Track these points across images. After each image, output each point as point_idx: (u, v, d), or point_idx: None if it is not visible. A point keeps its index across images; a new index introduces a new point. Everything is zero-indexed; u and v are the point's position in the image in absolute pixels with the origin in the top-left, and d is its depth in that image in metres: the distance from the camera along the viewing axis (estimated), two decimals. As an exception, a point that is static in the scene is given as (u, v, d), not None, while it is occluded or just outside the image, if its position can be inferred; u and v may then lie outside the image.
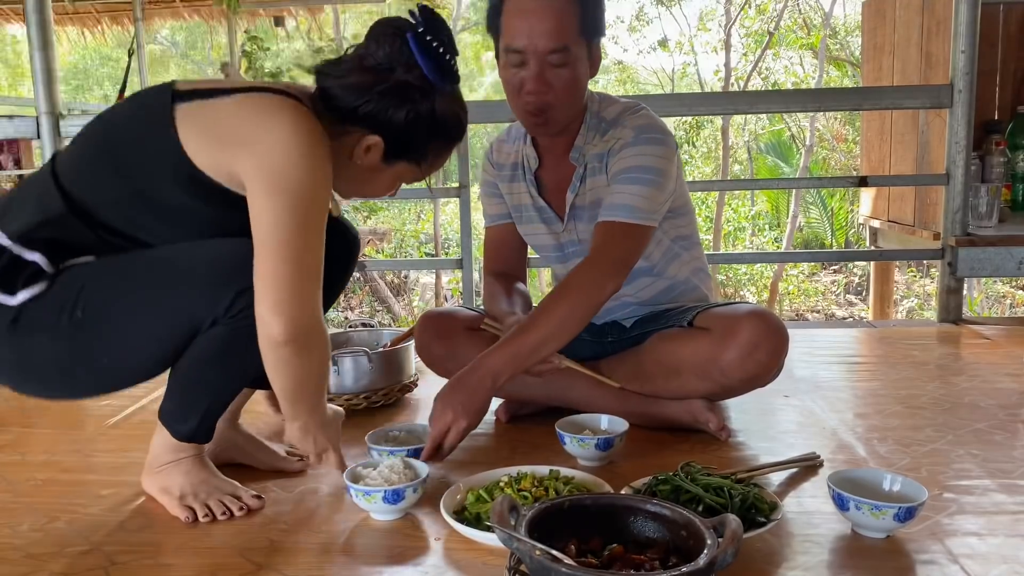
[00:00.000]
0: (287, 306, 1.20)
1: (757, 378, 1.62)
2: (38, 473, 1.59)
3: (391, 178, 1.41)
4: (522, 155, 1.78)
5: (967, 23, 2.65)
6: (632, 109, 1.68)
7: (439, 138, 1.37)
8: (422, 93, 1.30)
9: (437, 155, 1.40)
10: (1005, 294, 7.76)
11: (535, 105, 1.57)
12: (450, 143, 1.40)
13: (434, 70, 1.30)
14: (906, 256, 3.79)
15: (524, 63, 1.55)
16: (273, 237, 1.19)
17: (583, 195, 1.71)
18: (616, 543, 1.03)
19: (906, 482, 1.28)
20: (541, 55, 1.53)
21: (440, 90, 1.32)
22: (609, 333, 1.84)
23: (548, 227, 1.78)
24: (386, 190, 1.43)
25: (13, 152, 5.22)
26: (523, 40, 1.53)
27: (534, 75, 1.54)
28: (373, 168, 1.36)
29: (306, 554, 1.23)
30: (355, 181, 1.40)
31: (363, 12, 13.19)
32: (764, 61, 11.43)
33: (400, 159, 1.37)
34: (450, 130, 1.37)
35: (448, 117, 1.35)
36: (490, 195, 1.86)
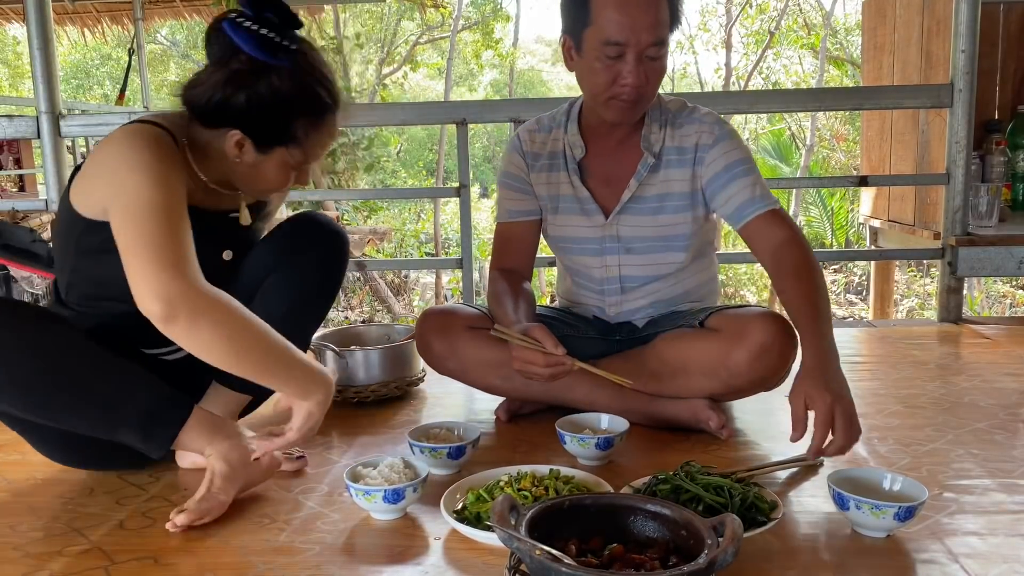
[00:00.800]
0: (153, 287, 1.22)
1: (765, 380, 1.62)
2: (38, 473, 1.59)
3: (276, 168, 1.40)
4: (564, 143, 1.77)
5: (967, 22, 2.65)
6: (692, 106, 1.75)
7: (299, 115, 1.35)
8: (254, 74, 1.31)
9: (309, 133, 1.37)
10: (1005, 294, 7.75)
11: (632, 96, 1.58)
12: (317, 117, 1.37)
13: (257, 48, 1.29)
14: (906, 256, 3.79)
15: (622, 55, 1.55)
16: (130, 247, 1.26)
17: (651, 185, 1.71)
18: (616, 543, 1.03)
19: (906, 481, 1.28)
20: (642, 48, 1.54)
21: (275, 67, 1.31)
22: (618, 332, 1.84)
23: (588, 218, 1.77)
24: (280, 181, 1.42)
25: (13, 152, 5.23)
26: (624, 33, 1.53)
27: (633, 68, 1.55)
28: (254, 162, 1.39)
29: (306, 554, 1.23)
30: (247, 179, 1.43)
31: (363, 12, 13.19)
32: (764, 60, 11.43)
33: (272, 146, 1.37)
34: (307, 103, 1.35)
35: (295, 91, 1.33)
36: (513, 188, 1.82)
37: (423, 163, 16.07)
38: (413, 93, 16.06)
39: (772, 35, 10.73)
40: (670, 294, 1.80)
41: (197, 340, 1.25)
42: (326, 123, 1.39)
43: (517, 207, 1.82)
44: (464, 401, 1.98)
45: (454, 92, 15.47)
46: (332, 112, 1.39)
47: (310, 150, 1.39)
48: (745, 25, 11.59)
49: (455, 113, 2.88)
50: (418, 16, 12.42)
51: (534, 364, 1.49)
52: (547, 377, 1.51)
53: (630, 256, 1.76)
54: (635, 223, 1.73)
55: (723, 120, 1.72)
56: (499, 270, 1.79)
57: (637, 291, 1.79)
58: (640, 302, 1.80)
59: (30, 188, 5.36)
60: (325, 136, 1.41)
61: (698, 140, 1.68)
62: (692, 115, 1.72)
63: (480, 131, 16.36)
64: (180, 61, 15.32)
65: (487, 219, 11.49)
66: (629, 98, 1.59)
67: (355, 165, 9.43)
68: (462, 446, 1.50)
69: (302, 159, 1.40)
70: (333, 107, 1.39)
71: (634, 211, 1.73)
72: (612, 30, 1.53)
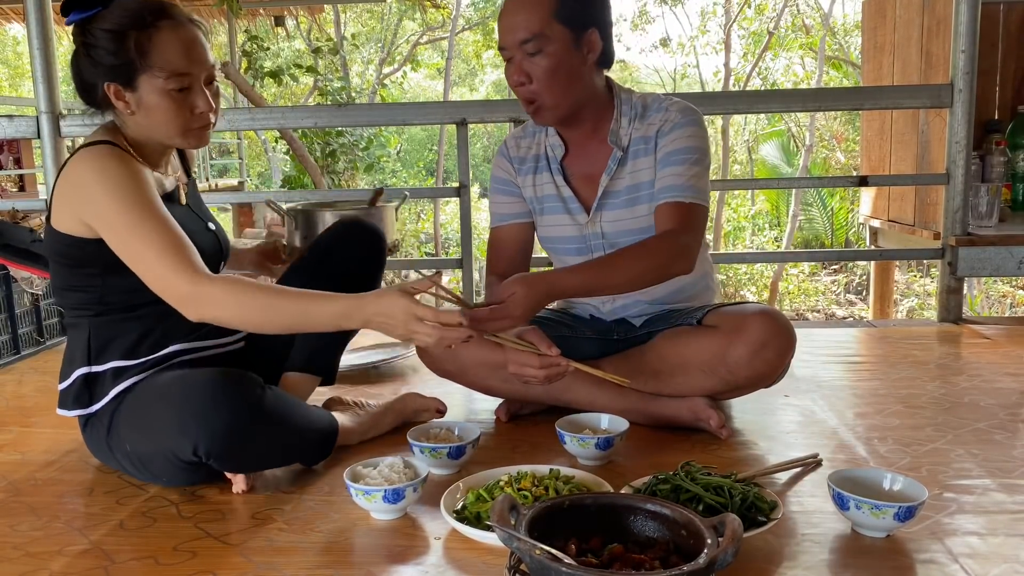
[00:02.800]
0: (169, 294, 1.38)
1: (764, 377, 1.62)
2: (38, 473, 1.59)
3: (159, 99, 1.42)
4: (545, 146, 1.79)
5: (967, 22, 2.65)
6: (665, 97, 1.75)
7: (130, 32, 1.39)
8: (85, 31, 1.41)
9: (152, 43, 1.40)
10: (1005, 294, 7.76)
11: (523, 95, 1.64)
12: (146, 25, 1.40)
13: (74, 13, 1.40)
14: (906, 256, 3.79)
15: (510, 59, 1.62)
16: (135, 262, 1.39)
17: (621, 179, 1.72)
18: (616, 542, 1.03)
19: (906, 481, 1.28)
20: (516, 47, 1.59)
21: (96, 16, 1.40)
22: (616, 331, 1.84)
23: (572, 217, 1.77)
24: (176, 110, 1.43)
25: (13, 152, 5.23)
26: (502, 36, 1.62)
27: (514, 67, 1.62)
28: (140, 106, 1.43)
29: (306, 554, 1.23)
30: (156, 128, 1.46)
31: (363, 11, 13.20)
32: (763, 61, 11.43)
33: (133, 77, 1.41)
34: (130, 19, 1.39)
35: (116, 17, 1.39)
36: (503, 193, 1.84)
37: (423, 163, 16.07)
38: (413, 93, 16.07)
39: (771, 36, 10.73)
40: (662, 291, 1.79)
41: (224, 322, 1.38)
42: (162, 29, 1.40)
43: (509, 211, 1.83)
44: (464, 401, 1.98)
45: (455, 92, 15.47)
46: (163, 19, 1.41)
47: (166, 61, 1.40)
48: (743, 26, 11.60)
49: (455, 113, 2.88)
50: (418, 16, 12.42)
51: (529, 367, 1.49)
52: (543, 379, 1.51)
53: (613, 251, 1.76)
54: (614, 218, 1.74)
55: (691, 110, 1.70)
56: (495, 274, 1.79)
57: None
58: (632, 298, 1.80)
59: (30, 188, 5.37)
60: (171, 41, 1.41)
61: (660, 127, 1.69)
62: (660, 104, 1.72)
63: (480, 131, 16.37)
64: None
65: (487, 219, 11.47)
66: (525, 98, 1.64)
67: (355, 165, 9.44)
68: (462, 446, 1.50)
69: (169, 75, 1.40)
70: (160, 15, 1.41)
71: (610, 206, 1.74)
72: (498, 36, 1.64)
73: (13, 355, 2.52)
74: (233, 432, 1.33)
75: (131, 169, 1.40)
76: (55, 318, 2.72)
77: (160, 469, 1.43)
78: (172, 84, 1.41)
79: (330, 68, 9.76)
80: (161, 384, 1.43)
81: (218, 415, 1.32)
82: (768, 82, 11.86)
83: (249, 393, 1.36)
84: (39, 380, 2.30)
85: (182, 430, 1.33)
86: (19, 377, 2.34)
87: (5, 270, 2.50)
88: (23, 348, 2.56)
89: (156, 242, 1.36)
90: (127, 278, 1.41)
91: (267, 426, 1.39)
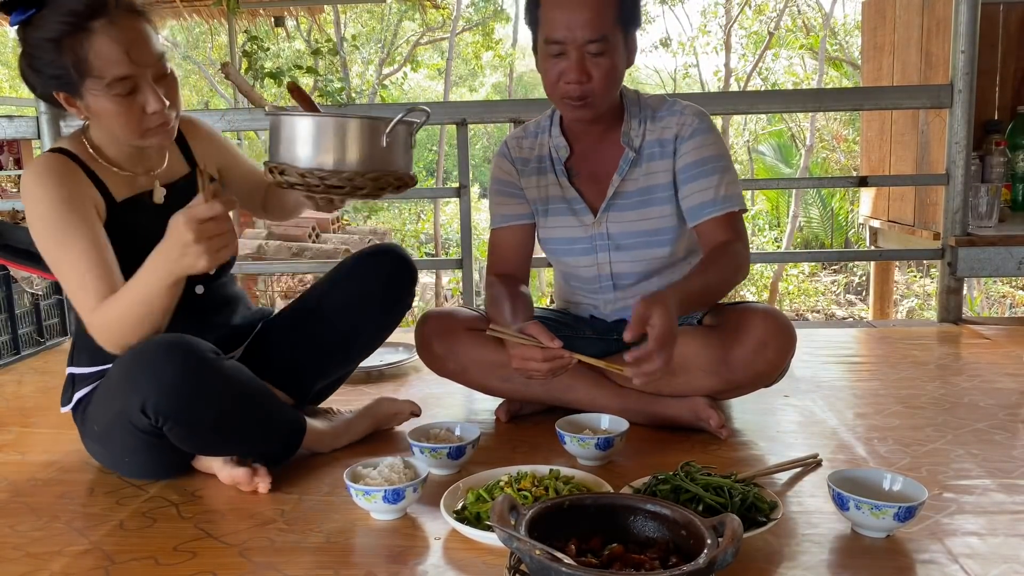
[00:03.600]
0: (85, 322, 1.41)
1: (764, 376, 1.63)
2: (38, 473, 1.59)
3: (108, 103, 1.35)
4: (549, 147, 1.78)
5: (967, 23, 2.65)
6: (672, 99, 1.75)
7: (62, 37, 1.31)
8: (24, 40, 1.35)
9: (85, 47, 1.31)
10: (1005, 294, 7.76)
11: (575, 93, 1.59)
12: (75, 28, 1.31)
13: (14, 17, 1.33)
14: (906, 256, 3.80)
15: (564, 53, 1.57)
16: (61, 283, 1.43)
17: (633, 180, 1.72)
18: (616, 543, 1.03)
19: (906, 482, 1.28)
20: (580, 45, 1.55)
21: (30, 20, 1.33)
22: (616, 331, 1.83)
23: (577, 218, 1.77)
24: (128, 113, 1.36)
25: (13, 152, 5.23)
26: (562, 31, 1.55)
27: (574, 65, 1.56)
28: (92, 111, 1.38)
29: (306, 554, 1.23)
30: (114, 130, 1.41)
31: (363, 11, 13.20)
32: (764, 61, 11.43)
33: (77, 84, 1.35)
34: (59, 24, 1.31)
35: (47, 23, 1.32)
36: (504, 194, 1.83)
37: (423, 163, 16.07)
38: (413, 93, 16.07)
39: (771, 36, 10.73)
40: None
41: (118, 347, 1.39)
42: (96, 31, 1.31)
43: (510, 211, 1.82)
44: (464, 401, 1.98)
45: (455, 93, 15.48)
46: (97, 19, 1.31)
47: (104, 66, 1.32)
48: (744, 26, 11.60)
49: (455, 113, 2.89)
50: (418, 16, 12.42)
51: (532, 360, 1.49)
52: (546, 372, 1.50)
53: (620, 253, 1.76)
54: (622, 219, 1.74)
55: (704, 114, 1.71)
56: (495, 275, 1.79)
57: (630, 289, 1.79)
58: (634, 300, 1.80)
59: (30, 188, 5.36)
60: (107, 43, 1.31)
61: (678, 132, 1.69)
62: (672, 108, 1.72)
63: (480, 131, 16.36)
64: (180, 62, 15.32)
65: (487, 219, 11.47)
66: (578, 95, 1.59)
67: (355, 165, 9.41)
68: (462, 446, 1.50)
69: (110, 80, 1.32)
70: (93, 14, 1.31)
71: (619, 207, 1.73)
72: (552, 29, 1.56)
73: (13, 355, 2.52)
74: (182, 385, 1.31)
75: (59, 190, 1.38)
76: (55, 318, 2.72)
77: (120, 447, 1.43)
78: (116, 89, 1.34)
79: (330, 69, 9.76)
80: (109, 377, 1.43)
81: (169, 364, 1.30)
82: (768, 82, 11.86)
83: (201, 349, 1.34)
84: (39, 380, 2.30)
85: (132, 385, 1.32)
86: (19, 377, 2.34)
87: (5, 270, 2.50)
88: (23, 348, 2.56)
89: (68, 272, 1.38)
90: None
91: (222, 390, 1.36)
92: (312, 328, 1.64)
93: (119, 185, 1.48)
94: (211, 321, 1.58)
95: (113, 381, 1.40)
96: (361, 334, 1.70)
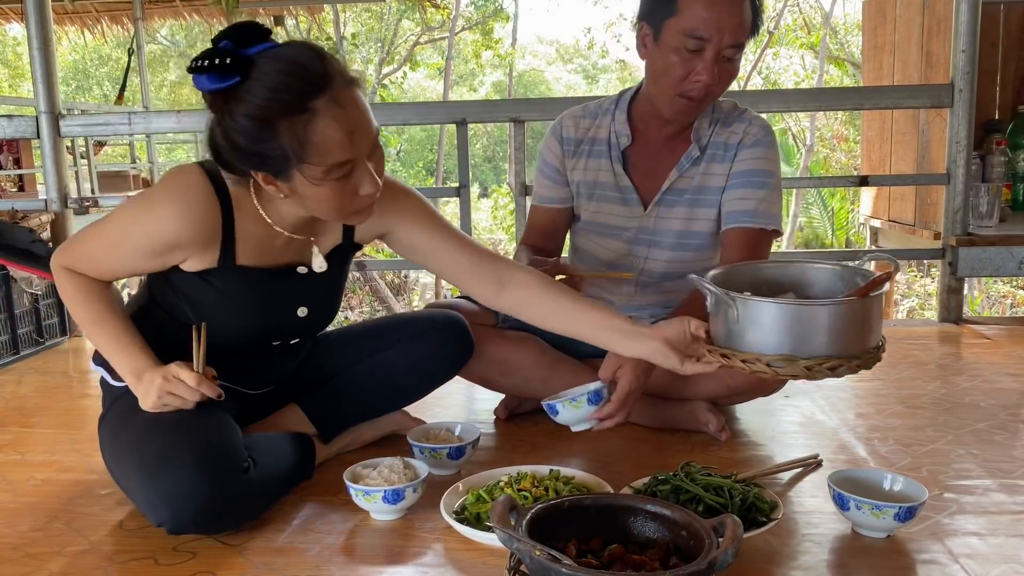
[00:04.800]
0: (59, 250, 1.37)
1: (765, 384, 1.62)
2: (38, 473, 1.59)
3: (317, 186, 1.19)
4: (610, 131, 1.76)
5: (968, 22, 2.65)
6: (744, 107, 1.75)
7: (279, 120, 1.13)
8: (221, 110, 1.17)
9: (307, 131, 1.14)
10: (1006, 294, 7.75)
11: (701, 93, 1.58)
12: (299, 110, 1.13)
13: (206, 82, 1.14)
14: (906, 256, 3.79)
15: (701, 50, 1.54)
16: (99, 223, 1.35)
17: (691, 177, 1.71)
18: (616, 543, 1.02)
19: (906, 482, 1.28)
20: (722, 47, 1.54)
21: (231, 90, 1.14)
22: None
23: (627, 208, 1.75)
24: (335, 196, 1.21)
25: (13, 152, 5.22)
26: (710, 30, 1.52)
27: (709, 65, 1.54)
28: (296, 192, 1.21)
29: (306, 554, 1.23)
30: (312, 209, 1.26)
31: (362, 11, 13.19)
32: (764, 60, 11.42)
33: (287, 169, 1.18)
34: (278, 104, 1.13)
35: (260, 98, 1.13)
36: (545, 176, 1.83)
37: (423, 163, 16.07)
38: (413, 93, 16.07)
39: (771, 35, 10.72)
40: (678, 298, 1.79)
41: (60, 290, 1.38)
42: (319, 114, 1.13)
43: (548, 194, 1.83)
44: (464, 401, 1.98)
45: (455, 92, 15.47)
46: (319, 97, 1.13)
47: (326, 152, 1.15)
48: (745, 25, 11.59)
49: (455, 113, 2.88)
50: (418, 16, 12.42)
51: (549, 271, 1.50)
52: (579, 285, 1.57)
53: (656, 250, 1.76)
54: (670, 215, 1.73)
55: (770, 128, 1.72)
56: (525, 246, 1.80)
57: (652, 288, 1.79)
58: (647, 299, 1.79)
59: (30, 188, 5.36)
60: (331, 126, 1.14)
61: (742, 139, 1.69)
62: (743, 115, 1.72)
63: (480, 131, 16.36)
64: (180, 61, 15.32)
65: (487, 219, 11.49)
66: (698, 96, 1.57)
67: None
68: (462, 446, 1.50)
69: (330, 167, 1.17)
70: (315, 91, 1.13)
71: (670, 203, 1.73)
72: (697, 23, 1.53)
73: (13, 355, 2.52)
74: (205, 520, 1.25)
75: (172, 221, 1.26)
76: (55, 318, 2.72)
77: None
78: (334, 175, 1.17)
79: (330, 68, 9.75)
80: (139, 431, 1.31)
81: (188, 505, 1.21)
82: (769, 81, 11.86)
83: (226, 481, 1.25)
84: (39, 380, 2.30)
85: (151, 507, 1.24)
86: (19, 377, 2.34)
87: (5, 270, 2.50)
88: (23, 348, 2.56)
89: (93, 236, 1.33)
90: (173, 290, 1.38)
91: (247, 499, 1.30)
92: (363, 384, 1.60)
93: (251, 247, 1.34)
94: (280, 360, 1.53)
95: (132, 479, 1.30)
96: (410, 397, 1.68)
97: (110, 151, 8.93)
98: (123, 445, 1.33)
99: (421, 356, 1.60)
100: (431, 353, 1.61)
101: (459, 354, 1.64)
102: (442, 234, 1.45)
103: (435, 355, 1.62)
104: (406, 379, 1.62)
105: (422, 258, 1.48)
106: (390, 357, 1.60)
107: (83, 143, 5.68)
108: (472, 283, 1.46)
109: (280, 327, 1.45)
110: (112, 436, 1.38)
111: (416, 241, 1.45)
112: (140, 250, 1.31)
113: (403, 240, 1.46)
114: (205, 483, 1.21)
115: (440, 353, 1.62)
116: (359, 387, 1.60)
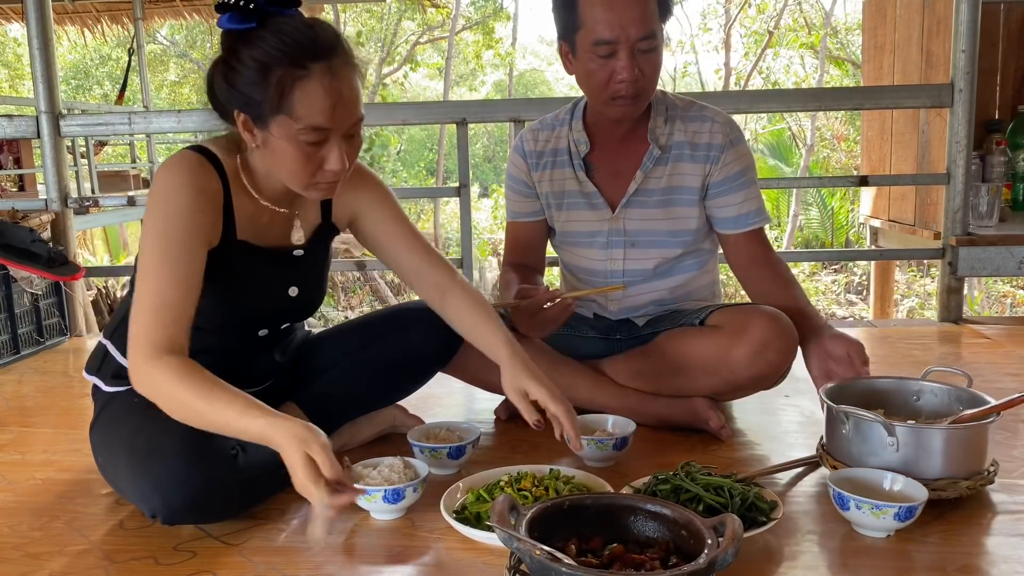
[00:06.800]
0: (130, 354, 1.23)
1: (765, 378, 1.62)
2: (38, 473, 1.59)
3: (288, 144, 1.24)
4: (568, 140, 1.78)
5: (968, 22, 2.65)
6: (700, 103, 1.77)
7: (277, 69, 1.20)
8: (231, 48, 1.24)
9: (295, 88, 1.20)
10: (1006, 293, 7.75)
11: (630, 92, 1.59)
12: (296, 67, 1.20)
13: (228, 20, 1.22)
14: (906, 255, 3.79)
15: (614, 52, 1.56)
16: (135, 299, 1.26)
17: (658, 177, 1.72)
18: (616, 543, 1.02)
19: (906, 482, 1.27)
20: (632, 43, 1.55)
21: (246, 32, 1.22)
22: (619, 331, 1.84)
23: (595, 212, 1.77)
24: (303, 160, 1.25)
25: (13, 152, 5.23)
26: (614, 30, 1.53)
27: (626, 63, 1.56)
28: (267, 145, 1.27)
29: (306, 554, 1.23)
30: (278, 169, 1.30)
31: (362, 11, 13.19)
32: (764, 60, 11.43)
33: (267, 115, 1.23)
34: (281, 55, 1.20)
35: (268, 46, 1.21)
36: (515, 191, 1.84)
37: (423, 163, 16.07)
38: (413, 93, 16.07)
39: (771, 35, 10.73)
40: (672, 295, 1.80)
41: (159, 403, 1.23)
42: (312, 75, 1.20)
43: (520, 208, 1.85)
44: (464, 401, 1.98)
45: (455, 92, 15.47)
46: (317, 61, 1.21)
47: (306, 112, 1.21)
48: (745, 25, 11.60)
49: (455, 113, 2.88)
50: (418, 16, 12.42)
51: (536, 301, 1.55)
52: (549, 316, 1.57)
53: (634, 250, 1.76)
54: (642, 216, 1.74)
55: (734, 122, 1.75)
56: (509, 264, 1.83)
57: (639, 287, 1.79)
58: (641, 299, 1.80)
59: (30, 188, 5.36)
60: (318, 91, 1.21)
61: (711, 139, 1.70)
62: (703, 112, 1.73)
63: (480, 131, 16.36)
64: (179, 61, 15.32)
65: (487, 219, 11.50)
66: (628, 93, 1.59)
67: (355, 165, 9.42)
68: (462, 446, 1.50)
69: (305, 127, 1.22)
70: (316, 55, 1.21)
71: (640, 204, 1.74)
72: (602, 29, 1.54)
73: (13, 355, 2.52)
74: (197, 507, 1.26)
75: (188, 195, 1.27)
76: (55, 318, 2.72)
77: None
78: (306, 136, 1.23)
79: (330, 68, 9.75)
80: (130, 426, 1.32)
81: (178, 492, 1.23)
82: (769, 81, 11.86)
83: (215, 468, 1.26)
84: (39, 380, 2.30)
85: (143, 497, 1.26)
86: (19, 377, 2.34)
87: (5, 270, 2.50)
88: (23, 348, 2.56)
89: (148, 295, 1.23)
90: None
91: (238, 486, 1.31)
92: (356, 377, 1.61)
93: (246, 222, 1.38)
94: (263, 355, 1.54)
95: (123, 472, 1.31)
96: (404, 390, 1.70)
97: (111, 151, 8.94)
98: (114, 442, 1.34)
99: (411, 345, 1.62)
100: (421, 340, 1.63)
101: (449, 342, 1.63)
102: (401, 231, 1.52)
103: (425, 342, 1.63)
104: (398, 370, 1.64)
105: (382, 253, 1.54)
106: (381, 349, 1.62)
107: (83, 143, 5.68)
108: (418, 286, 1.54)
109: (273, 308, 1.47)
110: (104, 436, 1.39)
111: (378, 233, 1.52)
112: (189, 242, 1.26)
113: (366, 230, 1.52)
114: (194, 469, 1.23)
115: (431, 341, 1.63)
116: (352, 380, 1.61)
